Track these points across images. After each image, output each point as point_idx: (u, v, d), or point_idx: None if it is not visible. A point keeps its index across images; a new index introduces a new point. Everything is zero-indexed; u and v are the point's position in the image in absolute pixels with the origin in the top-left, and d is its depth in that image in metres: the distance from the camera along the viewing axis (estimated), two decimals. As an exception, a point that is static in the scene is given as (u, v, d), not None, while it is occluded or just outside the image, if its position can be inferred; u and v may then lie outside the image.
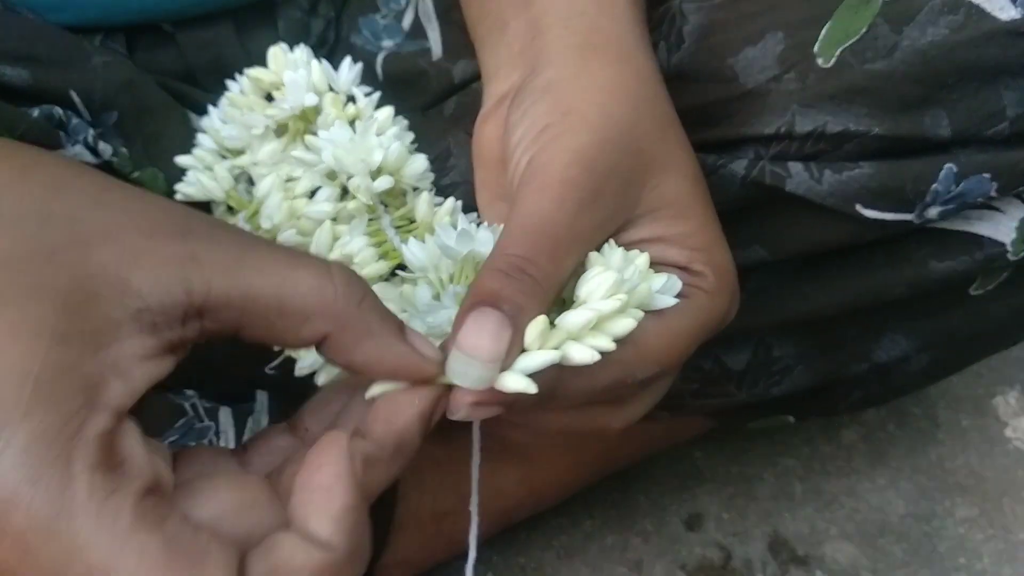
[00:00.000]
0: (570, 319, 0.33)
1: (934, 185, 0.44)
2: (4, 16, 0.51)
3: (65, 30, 0.52)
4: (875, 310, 0.52)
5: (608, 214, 0.37)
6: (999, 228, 0.47)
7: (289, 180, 0.53)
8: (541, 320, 0.32)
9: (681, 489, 0.76)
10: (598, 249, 0.37)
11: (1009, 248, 0.48)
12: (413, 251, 0.43)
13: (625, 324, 0.34)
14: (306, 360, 0.53)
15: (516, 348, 0.32)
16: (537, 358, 0.32)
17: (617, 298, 0.33)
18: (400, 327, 0.32)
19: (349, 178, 0.50)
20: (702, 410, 0.61)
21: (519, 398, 0.32)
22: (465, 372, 0.31)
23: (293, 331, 0.31)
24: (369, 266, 0.50)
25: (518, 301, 0.32)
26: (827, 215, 0.47)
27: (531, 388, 0.32)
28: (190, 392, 0.56)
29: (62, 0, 0.53)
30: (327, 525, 0.29)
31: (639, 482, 0.75)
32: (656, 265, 0.37)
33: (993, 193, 0.44)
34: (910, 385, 0.61)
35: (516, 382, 0.32)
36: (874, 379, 0.57)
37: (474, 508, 0.37)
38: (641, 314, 0.34)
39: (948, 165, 0.44)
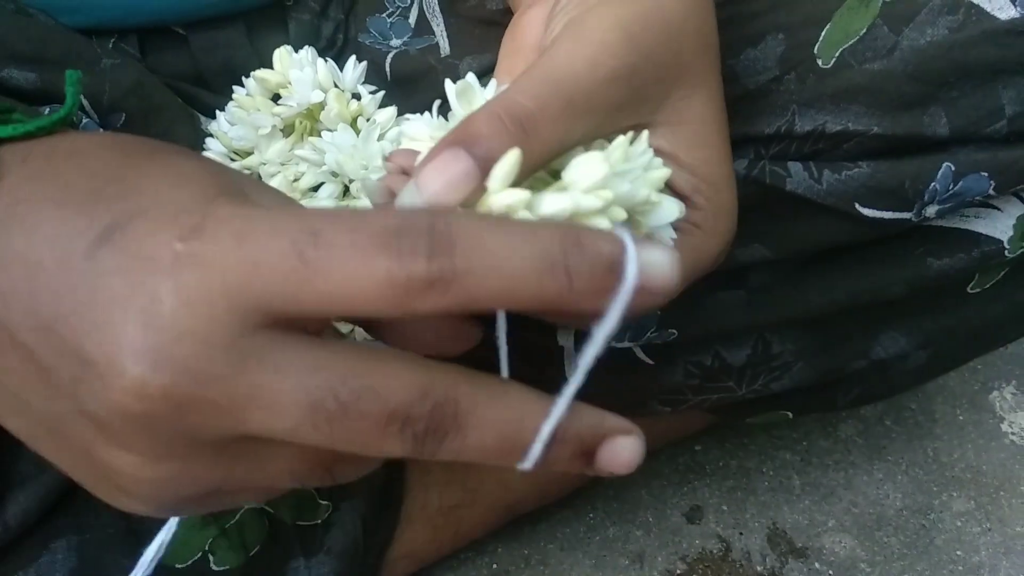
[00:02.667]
0: (545, 203, 0.29)
1: (932, 184, 0.45)
2: (13, 18, 0.51)
3: (75, 32, 0.53)
4: (874, 308, 0.52)
5: (633, 100, 0.34)
6: (996, 226, 0.48)
7: (296, 180, 0.54)
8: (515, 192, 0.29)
9: (681, 482, 0.77)
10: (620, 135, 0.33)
11: (1007, 246, 0.48)
12: (414, 125, 0.39)
13: (601, 224, 0.29)
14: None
15: (474, 196, 0.29)
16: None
17: (600, 196, 0.29)
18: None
19: (351, 181, 0.50)
20: (702, 406, 0.61)
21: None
22: (412, 204, 0.29)
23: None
24: None
25: (497, 153, 0.29)
26: (826, 214, 0.47)
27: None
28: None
29: (76, 2, 0.53)
30: None
31: (640, 475, 0.76)
32: None
33: (991, 192, 0.45)
34: (908, 382, 0.62)
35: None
36: (873, 376, 0.58)
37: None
38: (623, 218, 0.30)
39: (946, 164, 0.44)
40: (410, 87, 0.58)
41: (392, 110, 0.53)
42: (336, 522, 0.55)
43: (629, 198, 0.31)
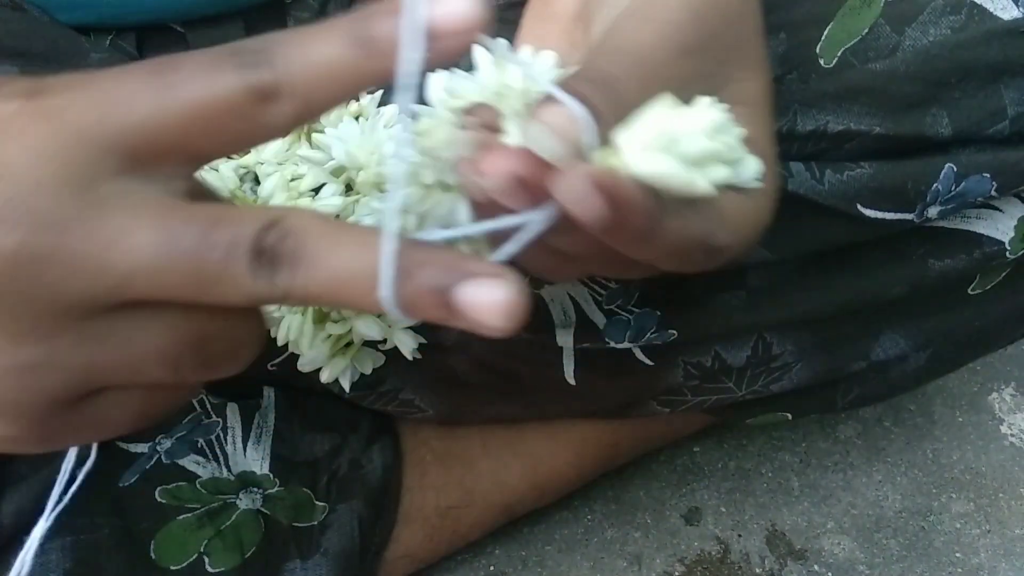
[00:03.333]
0: (685, 145, 0.29)
1: (935, 184, 0.45)
2: (6, 12, 0.50)
3: (64, 27, 0.52)
4: (874, 309, 0.52)
5: (698, 78, 0.34)
6: (998, 227, 0.48)
7: (294, 179, 0.54)
8: (653, 125, 0.29)
9: (680, 484, 0.76)
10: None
11: (1008, 247, 0.48)
12: (459, 82, 0.38)
13: (722, 173, 0.30)
14: (307, 357, 0.53)
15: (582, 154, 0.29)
16: (661, 162, 0.28)
17: (723, 141, 0.30)
18: None
19: (359, 172, 0.50)
20: (701, 406, 0.61)
21: (633, 199, 0.28)
22: (544, 143, 0.28)
23: None
24: None
25: (599, 107, 0.29)
26: (828, 215, 0.47)
27: (701, 182, 0.28)
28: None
29: (73, 0, 0.53)
30: None
31: (638, 477, 0.76)
32: None
33: (993, 193, 0.45)
34: (908, 383, 0.62)
35: (657, 163, 0.28)
36: (872, 377, 0.58)
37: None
38: (728, 172, 0.30)
39: (948, 165, 0.44)
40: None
41: (394, 107, 0.53)
42: (332, 523, 0.54)
43: (731, 145, 0.31)
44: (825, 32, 0.45)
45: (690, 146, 0.28)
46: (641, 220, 0.28)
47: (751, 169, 0.33)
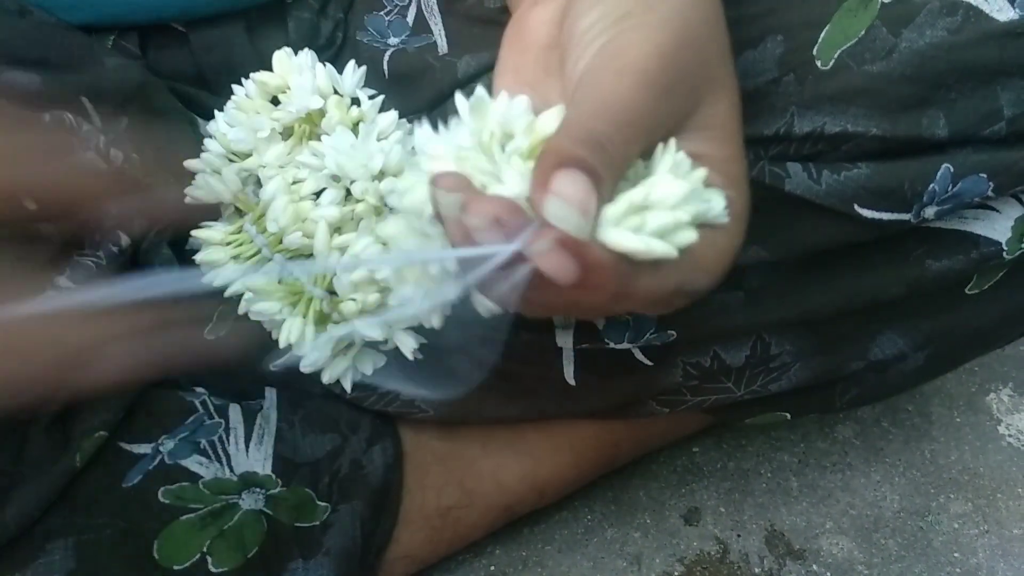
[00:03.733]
0: (651, 220, 0.32)
1: (931, 185, 0.45)
2: (15, 19, 0.51)
3: (77, 32, 0.53)
4: (872, 309, 0.52)
5: (672, 113, 0.36)
6: (995, 227, 0.48)
7: (295, 183, 0.54)
8: (625, 202, 0.32)
9: (679, 484, 0.77)
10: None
11: (1005, 247, 0.48)
12: (431, 143, 0.40)
13: (689, 236, 0.33)
14: (309, 358, 0.53)
15: (596, 217, 0.31)
16: (627, 238, 0.31)
17: (685, 210, 0.33)
18: None
19: (352, 182, 0.50)
20: (700, 406, 0.61)
21: (603, 263, 0.31)
22: (566, 217, 0.30)
23: None
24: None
25: (599, 172, 0.31)
26: (825, 215, 0.47)
27: (666, 249, 0.31)
28: (200, 389, 0.56)
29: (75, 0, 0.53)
30: None
31: (638, 477, 0.76)
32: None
33: (990, 193, 0.45)
34: (906, 383, 0.62)
35: (632, 240, 0.31)
36: (870, 377, 0.58)
37: None
38: (695, 227, 0.34)
39: (945, 165, 0.44)
40: (408, 85, 0.58)
41: (393, 114, 0.53)
42: (334, 523, 0.54)
43: (697, 205, 0.34)
44: (822, 34, 0.45)
45: (658, 220, 0.32)
46: (611, 281, 0.31)
47: (717, 207, 0.36)
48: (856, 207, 0.46)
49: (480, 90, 0.38)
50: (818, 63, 0.45)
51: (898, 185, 0.45)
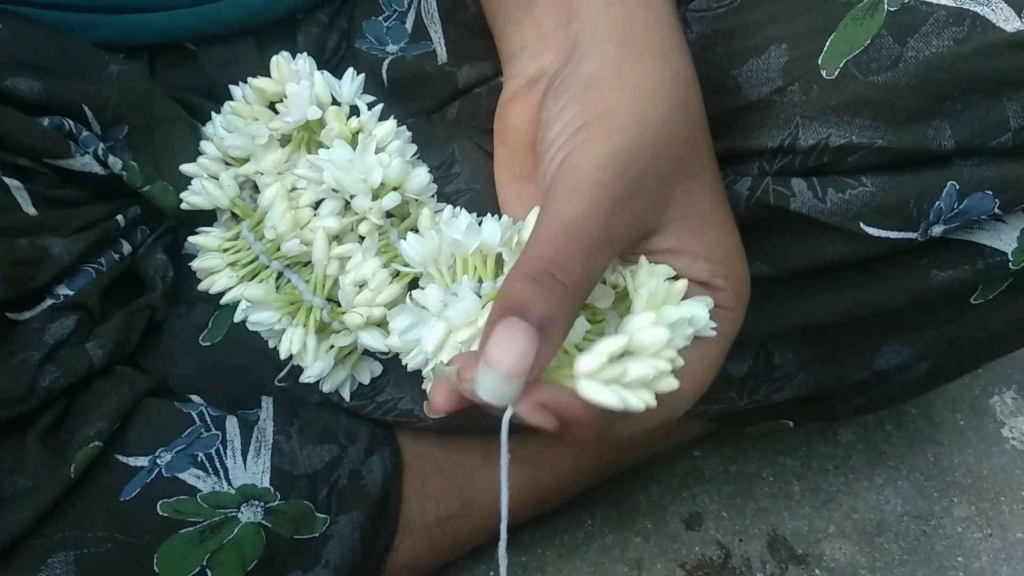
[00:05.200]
0: (632, 371, 0.32)
1: (937, 203, 0.44)
2: (17, 25, 0.50)
3: (81, 40, 0.52)
4: (876, 319, 0.52)
5: (640, 217, 0.36)
6: (1000, 238, 0.47)
7: (294, 189, 0.53)
8: (602, 357, 0.32)
9: (681, 488, 0.76)
10: (629, 260, 0.37)
11: (1011, 258, 0.47)
12: (412, 246, 0.42)
13: (669, 383, 0.34)
14: (314, 369, 0.53)
15: (545, 359, 0.32)
16: (602, 393, 0.32)
17: (666, 357, 0.33)
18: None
19: (352, 197, 0.50)
20: (703, 415, 0.61)
21: (580, 419, 0.32)
22: (491, 387, 0.31)
23: None
24: (385, 290, 0.50)
25: (548, 312, 0.31)
26: (831, 233, 0.47)
27: (642, 403, 0.32)
28: (197, 400, 0.56)
29: (88, 20, 0.53)
30: None
31: (639, 482, 0.76)
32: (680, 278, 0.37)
33: (996, 211, 0.44)
34: (910, 393, 0.61)
35: (607, 396, 0.32)
36: (874, 387, 0.57)
37: (504, 504, 0.37)
38: (680, 363, 0.34)
39: (951, 183, 0.44)
40: (407, 93, 0.58)
41: (391, 123, 0.52)
42: (334, 535, 0.54)
43: (679, 343, 0.35)
44: (827, 43, 0.45)
45: (639, 371, 0.32)
46: (590, 430, 0.33)
47: (700, 321, 0.36)
48: (862, 225, 0.46)
49: (464, 218, 0.42)
50: (823, 72, 0.45)
51: (903, 202, 0.45)
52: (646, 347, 0.33)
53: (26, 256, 0.50)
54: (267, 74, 0.53)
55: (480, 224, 0.42)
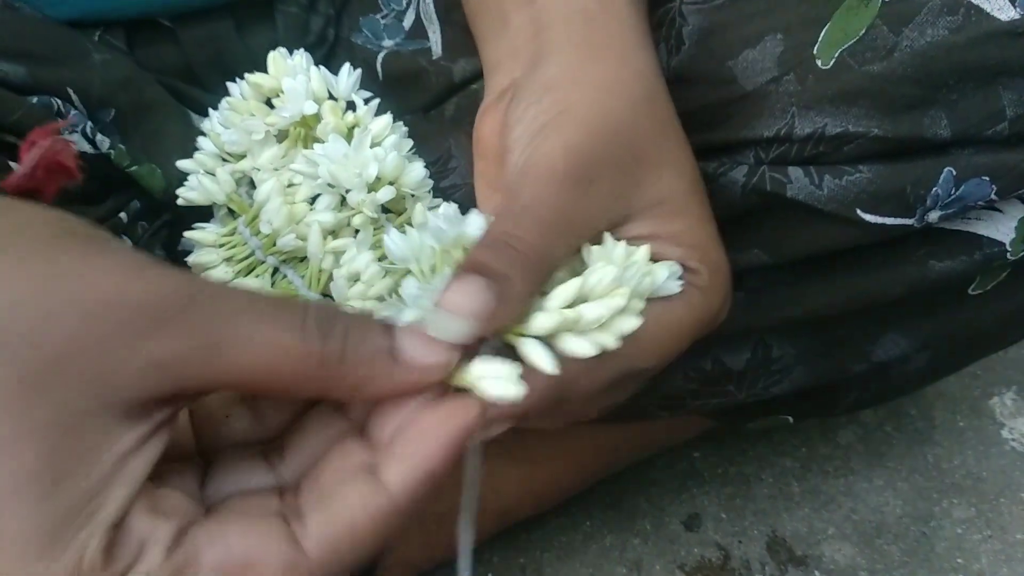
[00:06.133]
0: (585, 313, 0.33)
1: (934, 189, 0.44)
2: (1, 12, 0.50)
3: (63, 27, 0.52)
4: (874, 310, 0.52)
5: (602, 204, 0.37)
6: (999, 228, 0.47)
7: (290, 185, 0.53)
8: (558, 298, 0.33)
9: (680, 490, 0.76)
10: (597, 243, 0.37)
11: (1008, 248, 0.47)
12: (395, 241, 0.43)
13: (630, 323, 0.34)
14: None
15: (503, 318, 0.32)
16: (537, 347, 0.32)
17: (620, 294, 0.34)
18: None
19: (347, 191, 0.50)
20: (701, 410, 0.61)
21: (528, 410, 0.32)
22: (446, 327, 0.31)
23: (287, 392, 0.30)
24: (377, 284, 0.50)
25: (503, 271, 0.32)
26: (828, 220, 0.47)
27: (548, 366, 0.32)
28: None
29: None
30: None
31: (638, 483, 0.75)
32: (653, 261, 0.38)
33: (993, 196, 0.44)
34: (909, 385, 0.61)
35: (539, 357, 0.32)
36: (873, 379, 0.57)
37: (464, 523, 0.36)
38: (641, 307, 0.35)
39: (947, 169, 0.44)
40: (402, 88, 0.58)
41: (387, 118, 0.52)
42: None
43: (641, 287, 0.35)
44: (822, 33, 0.45)
45: (594, 312, 0.33)
46: (543, 409, 0.33)
47: (660, 278, 0.37)
48: (858, 211, 0.46)
49: (420, 207, 0.42)
50: (818, 62, 0.45)
51: (900, 189, 0.45)
52: (598, 289, 0.34)
53: None
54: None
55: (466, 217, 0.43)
